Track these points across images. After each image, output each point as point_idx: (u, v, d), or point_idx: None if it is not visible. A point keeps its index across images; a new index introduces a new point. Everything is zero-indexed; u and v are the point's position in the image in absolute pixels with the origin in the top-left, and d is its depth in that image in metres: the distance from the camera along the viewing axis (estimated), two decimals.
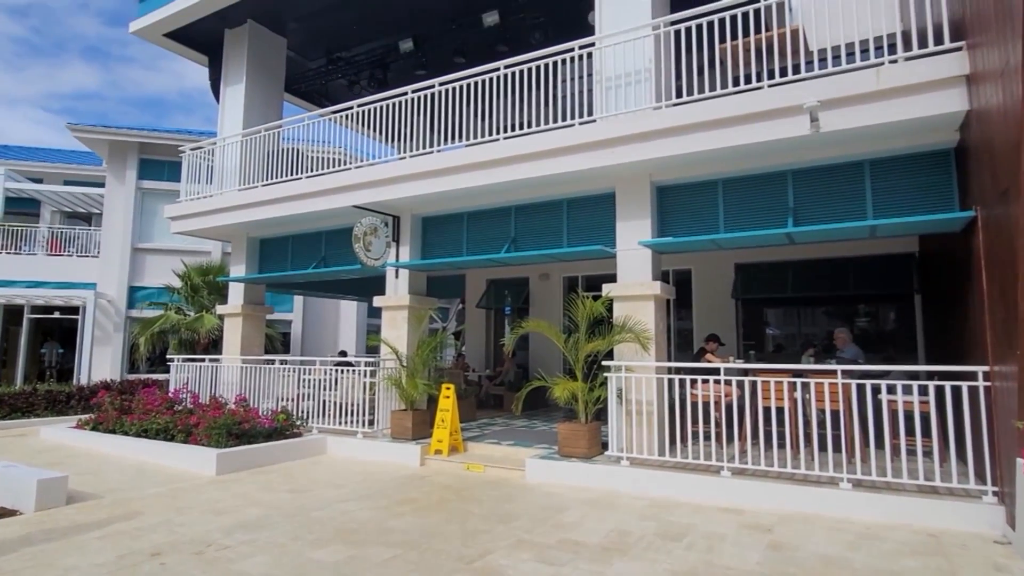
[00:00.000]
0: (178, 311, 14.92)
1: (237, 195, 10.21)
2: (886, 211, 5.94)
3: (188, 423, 8.01)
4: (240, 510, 5.41)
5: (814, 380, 5.79)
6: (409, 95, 8.52)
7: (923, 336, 9.03)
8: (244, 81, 11.10)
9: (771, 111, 5.79)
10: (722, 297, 10.52)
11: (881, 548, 4.26)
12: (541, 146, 7.09)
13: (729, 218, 6.77)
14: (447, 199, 8.44)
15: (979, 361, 4.94)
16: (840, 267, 9.51)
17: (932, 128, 5.49)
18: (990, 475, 4.73)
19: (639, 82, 6.88)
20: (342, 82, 12.83)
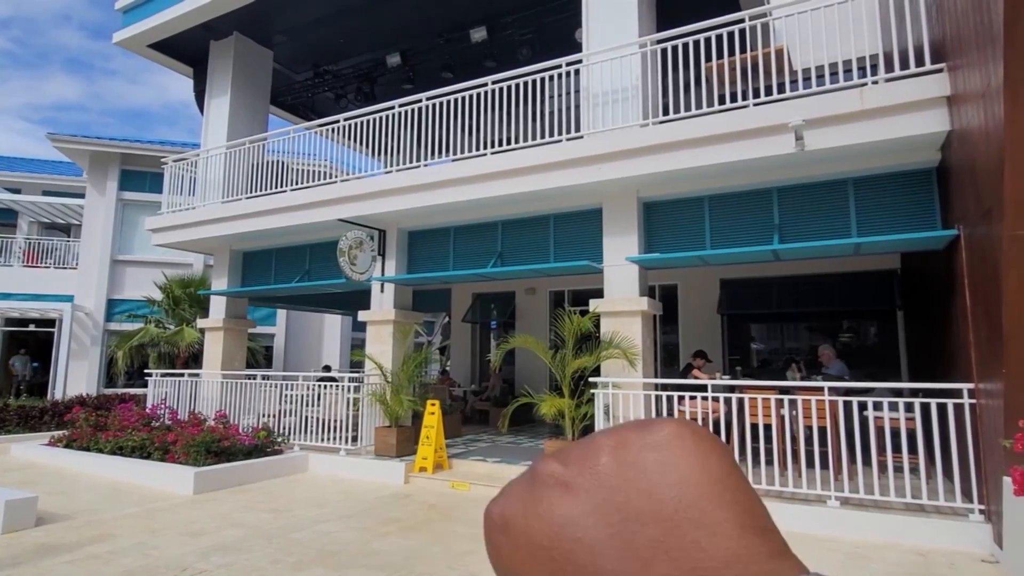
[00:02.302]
0: (158, 324, 14.64)
1: (220, 207, 10.08)
2: (870, 229, 6.00)
3: (165, 440, 7.80)
4: (218, 531, 5.25)
5: (800, 397, 5.78)
6: (396, 109, 8.50)
7: (906, 352, 9.11)
8: (229, 93, 11.01)
9: (756, 129, 5.84)
10: (708, 312, 10.56)
11: (871, 569, 4.23)
12: (528, 162, 7.08)
13: (715, 234, 6.79)
14: (434, 213, 8.40)
15: (963, 378, 4.97)
16: (824, 283, 9.60)
17: (915, 148, 5.57)
18: (976, 493, 4.74)
19: (626, 99, 6.92)
20: (329, 95, 12.79)
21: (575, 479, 0.27)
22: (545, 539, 0.26)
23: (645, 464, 0.26)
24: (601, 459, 0.27)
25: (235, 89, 11.08)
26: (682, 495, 0.25)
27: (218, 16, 10.27)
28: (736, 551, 0.24)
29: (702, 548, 0.24)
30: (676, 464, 0.26)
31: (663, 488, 0.26)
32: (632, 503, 0.25)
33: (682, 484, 0.26)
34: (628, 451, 0.27)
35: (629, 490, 0.26)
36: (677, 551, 0.24)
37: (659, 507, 0.25)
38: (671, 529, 0.24)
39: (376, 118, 8.66)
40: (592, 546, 0.25)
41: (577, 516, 0.26)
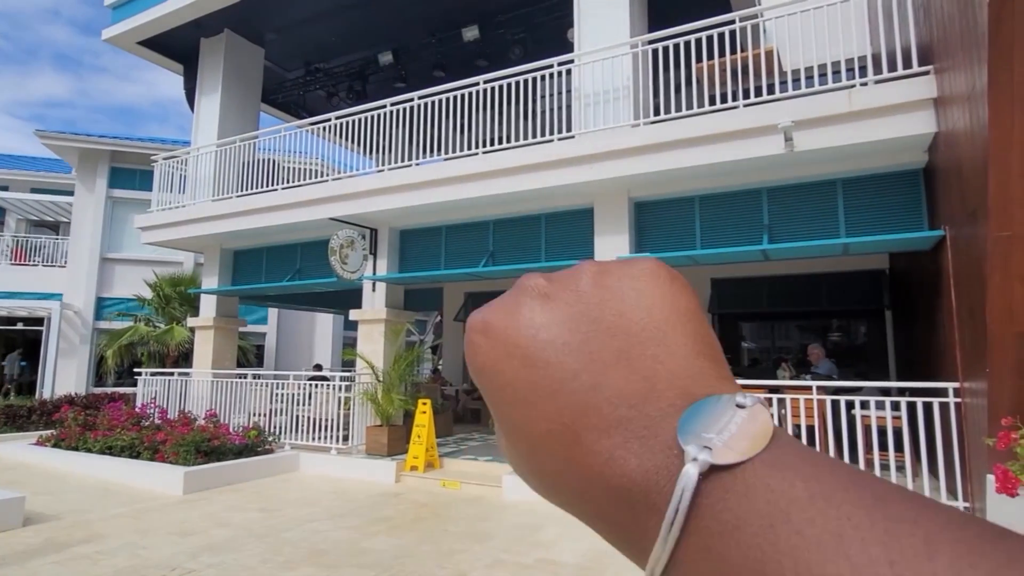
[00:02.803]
0: (148, 323, 14.56)
1: (211, 206, 10.03)
2: (858, 229, 6.05)
3: (155, 440, 7.77)
4: (207, 531, 5.24)
5: (789, 396, 5.83)
6: (388, 108, 8.48)
7: (894, 351, 9.19)
8: (220, 91, 10.95)
9: (746, 130, 5.87)
10: None
11: None
12: (520, 161, 7.09)
13: (706, 234, 6.83)
14: (425, 212, 8.39)
15: (949, 377, 5.03)
16: (813, 283, 9.67)
17: (902, 149, 5.62)
18: (961, 490, 4.80)
19: (617, 99, 6.94)
20: (320, 93, 12.75)
21: (557, 293, 0.30)
22: (522, 339, 0.29)
23: (622, 289, 0.29)
24: (583, 279, 0.30)
25: (226, 87, 11.02)
26: (650, 318, 0.28)
27: (208, 13, 10.21)
28: (687, 368, 0.27)
29: (659, 361, 0.27)
30: (649, 293, 0.29)
31: (634, 310, 0.28)
32: (605, 318, 0.28)
33: (651, 309, 0.28)
34: (608, 277, 0.30)
35: (604, 308, 0.29)
36: (637, 361, 0.27)
37: (628, 324, 0.28)
38: (635, 343, 0.27)
39: (368, 117, 8.64)
40: (563, 346, 0.28)
41: (554, 322, 0.29)
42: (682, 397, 0.26)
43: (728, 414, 0.24)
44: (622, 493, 0.25)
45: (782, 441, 0.24)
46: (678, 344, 0.27)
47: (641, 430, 0.25)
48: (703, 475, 0.23)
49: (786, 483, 0.22)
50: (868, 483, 0.22)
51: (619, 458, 0.25)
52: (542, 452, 0.28)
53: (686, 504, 0.22)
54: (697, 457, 0.23)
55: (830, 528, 0.20)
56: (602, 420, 0.26)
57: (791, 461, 0.23)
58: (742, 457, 0.23)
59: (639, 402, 0.26)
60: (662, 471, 0.24)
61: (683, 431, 0.24)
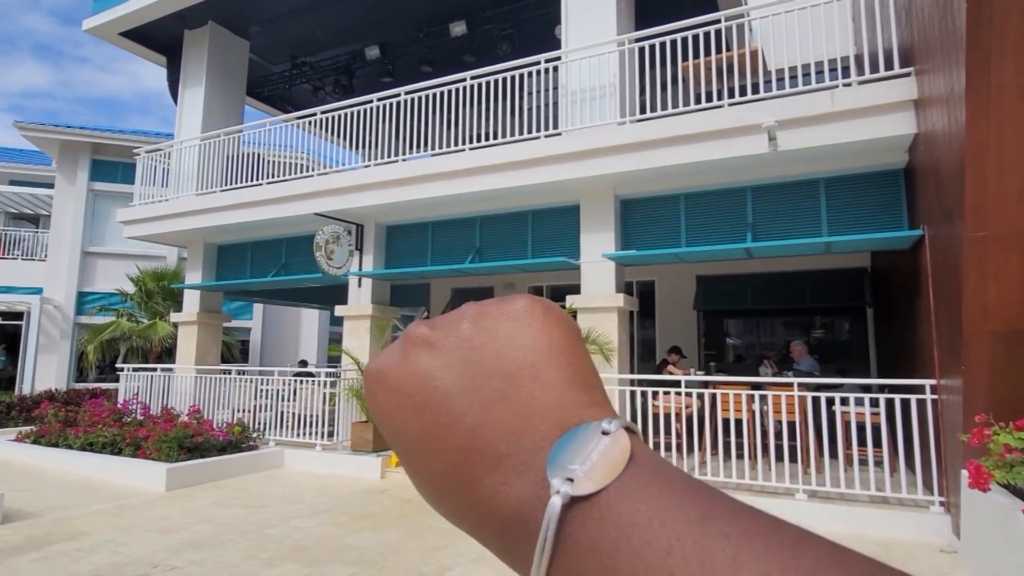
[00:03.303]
0: (130, 318, 14.38)
1: (195, 200, 9.92)
2: (840, 228, 6.13)
3: (137, 436, 7.69)
4: (190, 528, 5.21)
5: (772, 392, 5.91)
6: (375, 103, 8.44)
7: (875, 348, 9.33)
8: (204, 83, 10.82)
9: (731, 129, 5.92)
10: (685, 308, 10.69)
11: None
12: (507, 158, 7.09)
13: (691, 232, 6.88)
14: (412, 208, 8.37)
15: (926, 375, 5.12)
16: (797, 280, 9.78)
17: (883, 149, 5.70)
18: (937, 485, 4.89)
19: (604, 97, 6.96)
20: (306, 87, 12.64)
21: (439, 340, 0.32)
22: (410, 388, 0.31)
23: (499, 330, 0.31)
24: (463, 326, 0.32)
25: (210, 79, 10.89)
26: (525, 356, 0.30)
27: (191, 5, 10.09)
28: (560, 400, 0.29)
29: (534, 396, 0.29)
30: (524, 332, 0.31)
31: (511, 350, 0.31)
32: (485, 361, 0.30)
33: (526, 348, 0.31)
34: (486, 320, 0.32)
35: (484, 351, 0.31)
36: (515, 399, 0.29)
37: (506, 364, 0.30)
38: (512, 382, 0.30)
39: (354, 111, 8.59)
40: (447, 393, 0.30)
41: (438, 369, 0.31)
42: (555, 429, 0.28)
43: (592, 442, 0.27)
44: (506, 523, 0.27)
45: (640, 462, 0.27)
46: (552, 378, 0.30)
47: (519, 465, 0.27)
48: (566, 505, 0.25)
49: (631, 507, 0.25)
50: (700, 500, 0.25)
51: (502, 492, 0.27)
52: (437, 490, 0.30)
53: (552, 533, 0.25)
54: (560, 490, 0.25)
55: (661, 547, 0.23)
56: (485, 458, 0.28)
57: (640, 485, 0.25)
58: (598, 487, 0.25)
59: (517, 438, 0.28)
60: (536, 502, 0.26)
61: (552, 464, 0.26)
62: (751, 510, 0.25)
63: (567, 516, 0.25)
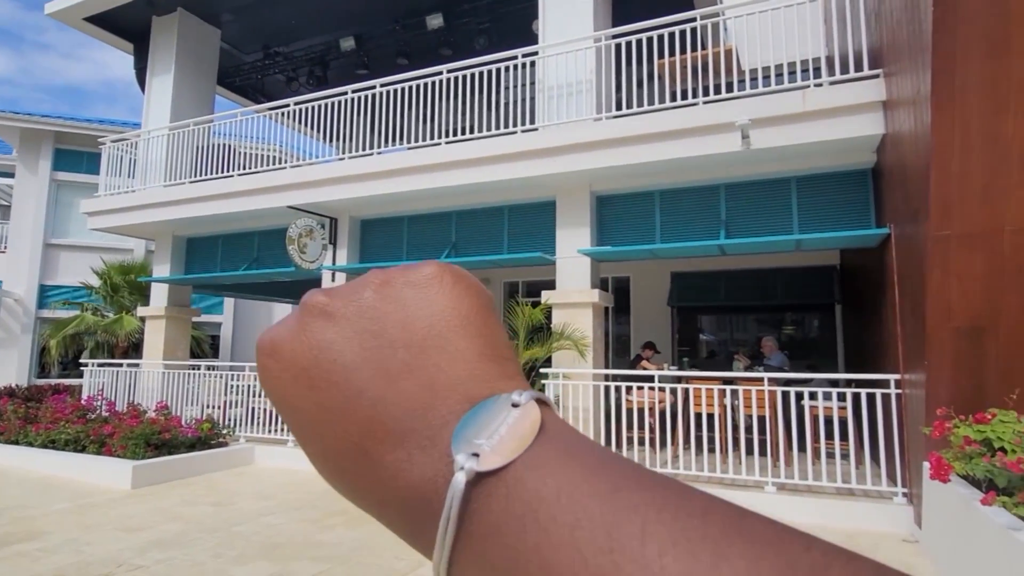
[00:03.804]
0: (95, 312, 13.99)
1: (163, 191, 9.68)
2: (810, 226, 6.25)
3: (102, 433, 7.49)
4: (156, 526, 5.09)
5: (742, 387, 6.00)
6: (349, 95, 8.32)
7: (843, 344, 9.55)
8: (173, 72, 10.54)
9: (706, 127, 5.98)
10: (659, 304, 10.80)
11: None
12: (483, 152, 7.06)
13: (665, 229, 6.94)
14: (387, 202, 8.29)
15: (891, 370, 5.25)
16: (768, 277, 9.94)
17: (852, 149, 5.82)
18: (900, 477, 5.03)
19: (580, 92, 6.97)
20: (279, 78, 12.41)
21: (339, 309, 0.30)
22: (306, 361, 0.29)
23: (404, 299, 0.30)
24: (365, 294, 0.30)
25: (179, 68, 10.61)
26: (432, 326, 0.29)
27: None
28: (469, 372, 0.28)
29: (441, 369, 0.27)
30: (431, 300, 0.29)
31: (417, 320, 0.29)
32: (388, 332, 0.28)
33: (433, 317, 0.29)
34: (390, 288, 0.30)
35: (387, 321, 0.29)
36: (420, 371, 0.27)
37: (411, 336, 0.28)
38: (418, 354, 0.28)
39: (328, 103, 8.46)
40: (347, 366, 0.28)
41: (337, 341, 0.29)
42: (463, 402, 0.27)
43: (502, 415, 0.25)
44: (410, 503, 0.26)
45: (551, 435, 0.25)
46: (460, 349, 0.28)
47: (424, 441, 0.26)
48: (471, 482, 0.24)
49: (539, 482, 0.23)
50: (611, 472, 0.24)
51: (405, 470, 0.26)
52: (337, 470, 0.29)
53: (455, 512, 0.23)
54: (464, 465, 0.24)
55: (568, 521, 0.22)
56: (388, 435, 0.26)
57: (549, 457, 0.24)
58: (505, 460, 0.24)
59: (423, 413, 0.26)
60: (440, 480, 0.25)
61: (457, 439, 0.25)
62: (662, 480, 0.24)
63: (472, 493, 0.24)
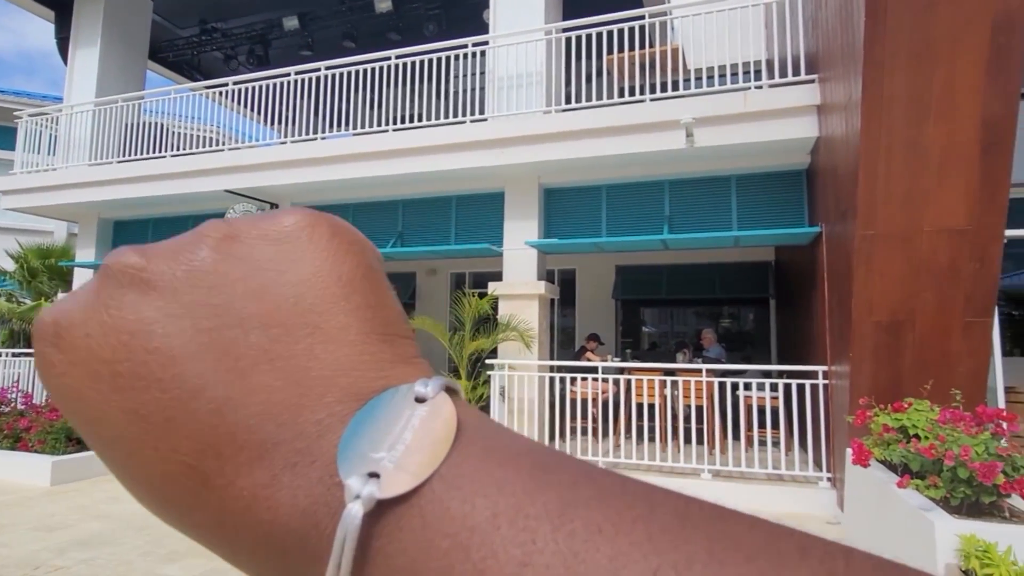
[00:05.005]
0: (10, 298, 13.05)
1: (87, 171, 9.10)
2: (748, 223, 6.49)
3: (17, 427, 7.01)
4: (78, 525, 4.82)
5: (682, 378, 6.20)
6: (292, 76, 8.04)
7: (776, 337, 9.99)
8: (99, 44, 9.89)
9: (652, 124, 6.10)
10: (603, 297, 10.99)
11: None
12: (431, 141, 6.98)
13: (611, 222, 7.06)
14: (331, 189, 8.07)
15: (820, 362, 5.53)
16: (708, 272, 10.28)
17: (789, 150, 6.07)
18: (825, 463, 5.32)
19: (530, 85, 6.97)
20: (217, 55, 11.86)
21: (159, 277, 0.22)
22: (109, 351, 0.21)
23: (258, 259, 0.22)
24: (200, 252, 0.22)
25: (106, 40, 9.97)
26: (301, 297, 0.21)
27: None
28: (353, 356, 0.21)
29: (314, 356, 0.20)
30: (299, 261, 0.22)
31: (277, 288, 0.21)
32: (235, 306, 0.21)
33: (302, 284, 0.22)
34: (238, 244, 0.22)
35: (233, 290, 0.21)
36: (283, 359, 0.20)
37: (269, 310, 0.21)
38: (280, 335, 0.21)
39: (270, 84, 8.15)
40: (174, 357, 0.20)
41: (158, 321, 0.21)
42: (348, 400, 0.20)
43: (405, 415, 0.19)
44: (276, 544, 0.19)
45: (470, 436, 0.20)
46: (341, 327, 0.21)
47: (293, 455, 0.19)
48: (371, 514, 0.18)
49: (467, 505, 0.18)
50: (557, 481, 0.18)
51: (267, 499, 0.19)
52: (161, 500, 0.21)
53: (350, 557, 0.17)
54: (360, 493, 0.18)
55: (513, 557, 0.16)
56: (240, 451, 0.19)
57: (475, 469, 0.18)
58: (417, 480, 0.18)
59: (289, 417, 0.20)
60: (322, 511, 0.18)
61: (345, 453, 0.19)
62: (618, 483, 0.18)
63: (374, 530, 0.17)
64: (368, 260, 0.24)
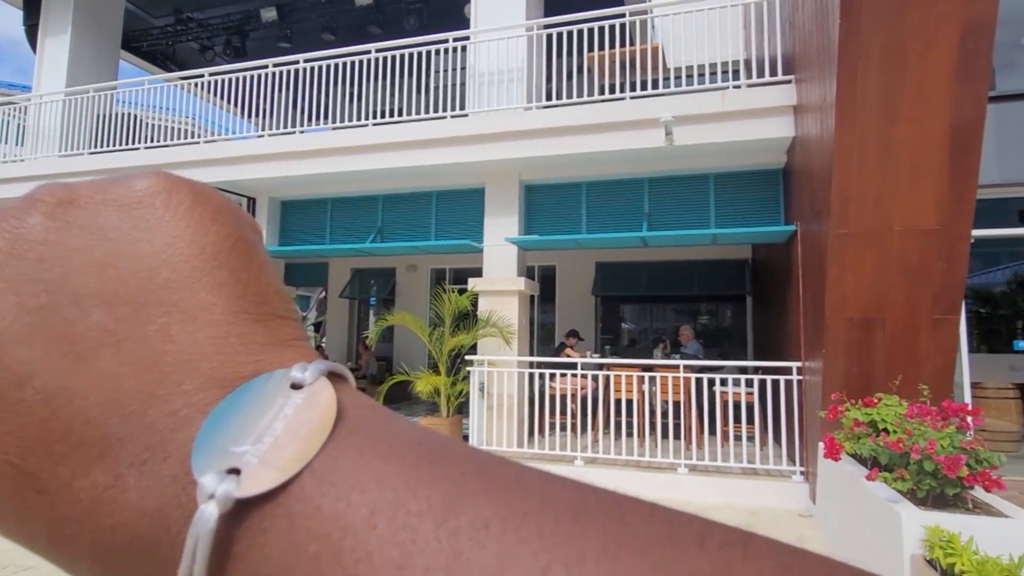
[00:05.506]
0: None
1: (57, 162, 8.88)
2: (725, 221, 6.57)
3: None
4: None
5: (660, 374, 6.27)
6: (270, 69, 7.93)
7: (752, 333, 10.15)
8: (70, 32, 9.64)
9: (632, 122, 6.14)
10: (583, 293, 11.05)
11: None
12: (412, 136, 6.94)
13: (591, 219, 7.10)
14: (310, 183, 7.99)
15: (794, 357, 5.64)
16: (686, 269, 10.39)
17: (766, 150, 6.15)
18: (799, 457, 5.43)
19: (511, 81, 6.97)
20: (193, 46, 11.64)
21: None
22: None
23: (104, 228, 0.19)
24: (31, 218, 0.19)
25: (77, 27, 9.73)
26: (154, 272, 0.19)
27: None
28: (218, 340, 0.18)
29: (170, 338, 0.18)
30: (152, 231, 0.19)
31: (125, 261, 0.19)
32: (73, 280, 0.18)
33: (155, 257, 0.19)
34: (79, 210, 0.20)
35: (71, 263, 0.19)
36: (132, 342, 0.18)
37: (115, 287, 0.18)
38: (129, 315, 0.18)
39: (247, 76, 8.02)
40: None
41: None
42: (209, 387, 0.18)
43: (277, 403, 0.17)
44: (118, 550, 0.17)
45: (351, 427, 0.18)
46: (204, 306, 0.19)
47: (142, 452, 0.17)
48: (228, 515, 0.15)
49: (341, 502, 0.16)
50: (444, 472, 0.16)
51: (108, 500, 0.17)
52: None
53: (202, 565, 0.15)
54: (215, 492, 0.15)
55: (391, 559, 0.15)
56: (74, 448, 0.17)
57: (352, 462, 0.16)
58: (284, 475, 0.16)
59: (137, 408, 0.17)
60: (175, 512, 0.16)
61: (202, 447, 0.16)
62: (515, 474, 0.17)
63: (233, 533, 0.15)
64: (238, 231, 0.21)
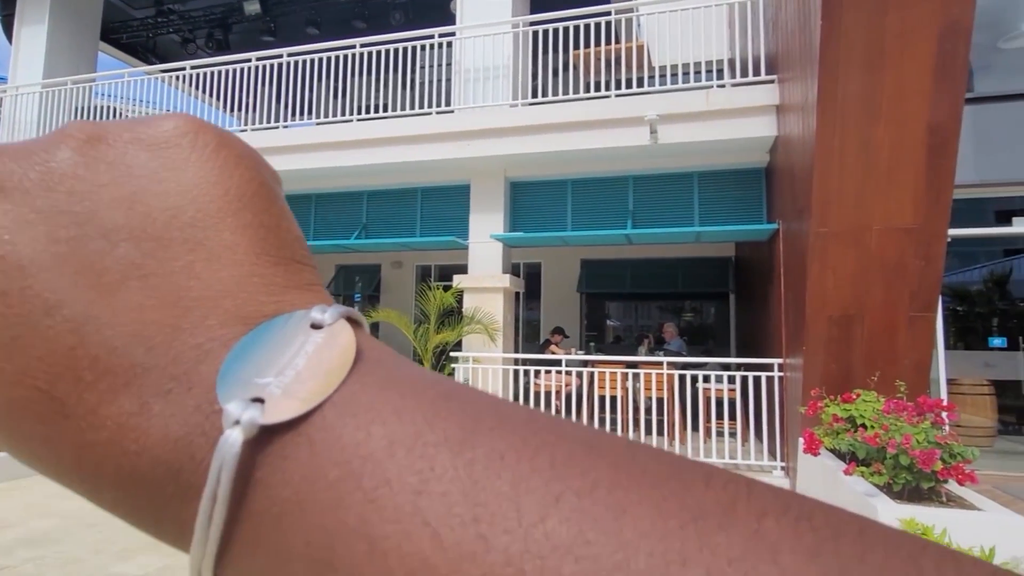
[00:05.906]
0: None
1: None
2: (709, 219, 6.63)
3: None
4: (26, 523, 4.66)
5: (643, 370, 6.31)
6: (253, 62, 7.84)
7: (735, 331, 10.25)
8: (47, 22, 9.45)
9: (617, 119, 6.17)
10: (568, 290, 11.08)
11: None
12: (397, 132, 6.91)
13: (576, 217, 7.12)
14: (293, 179, 7.91)
15: (775, 354, 5.71)
16: (670, 266, 10.47)
17: (749, 149, 6.22)
18: (779, 452, 5.50)
19: (497, 77, 6.96)
20: (174, 38, 11.49)
21: (8, 178, 0.19)
22: None
23: (131, 165, 0.20)
24: (59, 153, 0.20)
25: (54, 18, 9.54)
26: (180, 210, 0.19)
27: None
28: (240, 278, 0.19)
29: (195, 275, 0.19)
30: (178, 170, 0.20)
31: (152, 198, 0.19)
32: (101, 214, 0.19)
33: (181, 196, 0.19)
34: (107, 147, 0.20)
35: (99, 197, 0.19)
36: (158, 277, 0.18)
37: (142, 222, 0.19)
38: (154, 250, 0.19)
39: (230, 70, 7.93)
40: (23, 267, 0.18)
41: (2, 227, 0.18)
42: (233, 324, 0.18)
43: (298, 340, 0.18)
44: (142, 476, 0.17)
45: (369, 365, 0.18)
46: (228, 246, 0.19)
47: (167, 382, 0.17)
48: (252, 441, 0.16)
49: (362, 432, 0.16)
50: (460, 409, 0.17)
51: (133, 427, 0.17)
52: (11, 433, 0.19)
53: (227, 487, 0.16)
54: (240, 417, 0.16)
55: (409, 485, 0.15)
56: (101, 376, 0.17)
57: (372, 396, 0.17)
58: (307, 406, 0.16)
59: (162, 340, 0.18)
60: (199, 440, 0.17)
61: (227, 378, 0.17)
62: (525, 413, 0.17)
63: (256, 459, 0.16)
64: (261, 175, 0.22)
